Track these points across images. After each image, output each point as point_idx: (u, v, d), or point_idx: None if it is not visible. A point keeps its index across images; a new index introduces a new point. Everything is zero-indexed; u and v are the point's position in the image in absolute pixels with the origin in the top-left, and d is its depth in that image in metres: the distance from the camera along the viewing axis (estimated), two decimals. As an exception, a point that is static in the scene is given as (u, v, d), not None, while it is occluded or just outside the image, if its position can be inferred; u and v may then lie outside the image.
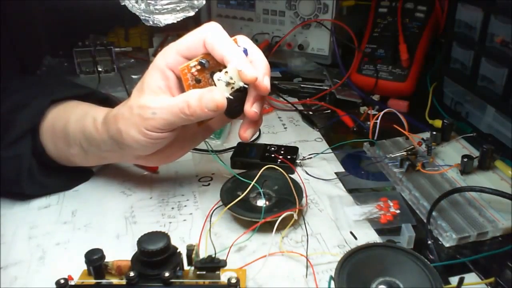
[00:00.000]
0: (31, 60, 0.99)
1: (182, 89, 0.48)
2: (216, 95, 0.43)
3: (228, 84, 0.43)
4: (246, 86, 0.43)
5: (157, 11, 0.56)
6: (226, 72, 0.42)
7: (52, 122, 0.58)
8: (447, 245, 0.53)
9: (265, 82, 0.43)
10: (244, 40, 0.46)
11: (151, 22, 0.57)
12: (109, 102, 0.64)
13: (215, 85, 0.44)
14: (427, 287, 0.42)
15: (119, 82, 0.93)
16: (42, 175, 0.59)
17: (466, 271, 0.49)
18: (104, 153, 0.56)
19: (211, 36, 0.44)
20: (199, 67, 0.45)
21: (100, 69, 0.96)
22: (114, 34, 1.06)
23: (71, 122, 0.56)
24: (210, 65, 0.45)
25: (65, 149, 0.58)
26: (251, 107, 0.45)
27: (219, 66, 0.44)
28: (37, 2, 0.99)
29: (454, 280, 0.48)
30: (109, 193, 0.62)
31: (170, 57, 0.47)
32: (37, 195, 0.61)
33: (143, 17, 0.57)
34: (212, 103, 0.43)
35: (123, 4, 0.57)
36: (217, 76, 0.43)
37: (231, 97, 0.43)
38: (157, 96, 0.47)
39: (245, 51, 0.45)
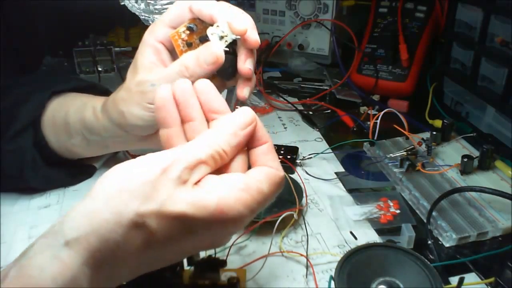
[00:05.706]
0: (31, 60, 0.99)
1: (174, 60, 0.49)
2: (213, 47, 0.45)
3: (221, 38, 0.45)
4: (238, 37, 0.45)
5: (156, 11, 0.56)
6: (218, 26, 0.45)
7: (52, 114, 0.59)
8: (447, 245, 0.53)
9: (254, 35, 0.45)
10: (225, 4, 0.48)
11: (151, 22, 0.57)
12: (109, 94, 0.64)
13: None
14: (427, 287, 0.42)
15: (119, 82, 0.92)
16: (46, 166, 0.60)
17: (466, 271, 0.49)
18: (106, 140, 0.57)
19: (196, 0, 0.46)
20: (188, 32, 0.47)
21: (100, 69, 0.97)
22: (114, 34, 1.06)
23: (70, 112, 0.57)
24: (198, 29, 0.47)
25: (67, 140, 0.58)
26: (244, 64, 0.46)
27: (207, 29, 0.47)
28: (37, 2, 0.98)
29: (454, 280, 0.48)
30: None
31: (158, 31, 0.49)
32: (41, 189, 0.61)
33: (143, 17, 0.57)
34: (210, 56, 0.45)
35: (123, 4, 0.57)
36: (210, 30, 0.45)
37: (226, 48, 0.45)
38: (152, 71, 0.48)
39: None
